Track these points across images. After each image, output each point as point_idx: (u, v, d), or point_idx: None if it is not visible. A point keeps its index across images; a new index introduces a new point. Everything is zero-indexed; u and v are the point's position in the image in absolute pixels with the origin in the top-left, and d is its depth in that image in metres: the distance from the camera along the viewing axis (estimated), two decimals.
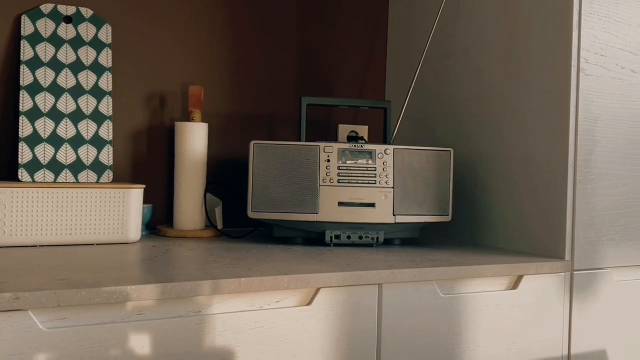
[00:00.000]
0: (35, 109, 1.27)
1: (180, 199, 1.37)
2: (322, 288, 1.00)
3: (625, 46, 1.27)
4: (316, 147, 1.27)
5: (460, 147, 1.46)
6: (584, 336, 1.24)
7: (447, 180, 1.32)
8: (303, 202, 1.26)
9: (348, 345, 1.02)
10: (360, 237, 1.27)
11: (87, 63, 1.33)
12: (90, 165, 1.30)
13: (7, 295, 0.78)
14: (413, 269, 1.06)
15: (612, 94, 1.26)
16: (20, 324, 0.80)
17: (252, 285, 0.93)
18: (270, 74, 1.59)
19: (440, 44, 1.52)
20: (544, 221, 1.26)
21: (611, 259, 1.27)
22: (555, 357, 1.21)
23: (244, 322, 0.94)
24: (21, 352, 0.80)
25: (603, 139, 1.25)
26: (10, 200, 1.14)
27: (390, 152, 1.29)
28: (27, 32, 1.29)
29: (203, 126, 1.39)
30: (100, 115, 1.32)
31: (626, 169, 1.28)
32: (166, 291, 0.87)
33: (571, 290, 1.23)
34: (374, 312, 1.04)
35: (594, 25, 1.23)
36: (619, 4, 1.26)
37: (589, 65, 1.23)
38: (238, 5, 1.55)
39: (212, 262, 1.06)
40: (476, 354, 1.13)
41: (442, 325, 1.10)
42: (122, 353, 0.86)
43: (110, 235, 1.22)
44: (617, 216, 1.27)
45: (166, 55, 1.47)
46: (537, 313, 1.19)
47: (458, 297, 1.12)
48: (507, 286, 1.18)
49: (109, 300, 0.84)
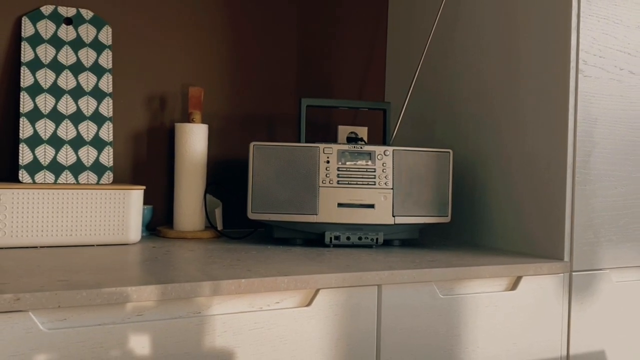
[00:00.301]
0: (36, 110, 1.28)
1: (180, 199, 1.38)
2: (322, 289, 1.00)
3: (623, 47, 1.28)
4: (315, 148, 1.28)
5: (459, 148, 1.47)
6: (583, 337, 1.25)
7: (446, 181, 1.32)
8: (302, 203, 1.26)
9: (347, 345, 1.02)
10: (359, 238, 1.28)
11: (87, 64, 1.33)
12: (90, 166, 1.30)
13: (8, 296, 0.78)
14: (412, 270, 1.06)
15: (611, 95, 1.26)
16: (21, 324, 0.80)
17: (251, 286, 0.94)
18: (270, 75, 1.59)
19: (440, 45, 1.53)
20: (542, 222, 1.27)
21: (609, 260, 1.27)
22: (554, 357, 1.22)
23: (244, 323, 0.95)
24: (22, 353, 0.80)
25: (602, 140, 1.25)
26: (11, 201, 1.15)
27: (390, 153, 1.30)
28: (27, 34, 1.30)
29: (203, 127, 1.39)
30: (101, 117, 1.33)
31: (625, 170, 1.29)
32: (166, 292, 0.88)
33: (570, 290, 1.23)
34: (373, 313, 1.05)
35: (592, 27, 1.23)
36: (618, 5, 1.27)
37: (587, 66, 1.23)
38: (238, 6, 1.55)
39: (212, 262, 1.07)
40: (475, 354, 1.14)
41: (441, 325, 1.10)
42: (122, 354, 0.86)
43: (110, 236, 1.22)
44: (615, 217, 1.27)
45: (166, 57, 1.47)
46: (535, 313, 1.20)
47: (457, 297, 1.12)
48: (506, 287, 1.18)
49: (109, 301, 0.84)
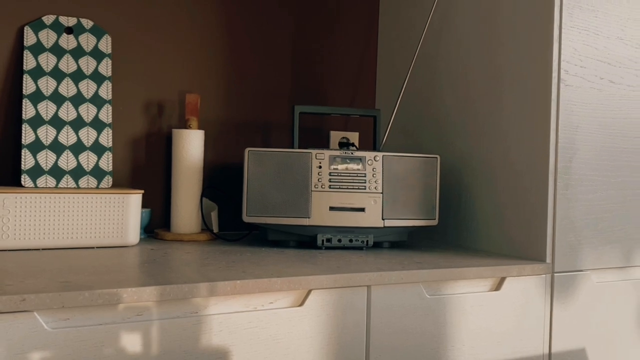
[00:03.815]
0: (38, 116, 1.29)
1: (177, 203, 1.39)
2: (314, 289, 1.01)
3: (603, 58, 1.31)
4: (308, 153, 1.29)
5: (446, 154, 1.48)
6: (564, 335, 1.27)
7: (434, 185, 1.35)
8: (295, 206, 1.28)
9: (338, 343, 1.04)
10: (350, 240, 1.29)
11: (87, 72, 1.35)
12: (90, 171, 1.31)
13: (14, 297, 0.80)
14: (400, 271, 1.08)
15: (591, 104, 1.29)
16: (26, 324, 0.81)
17: (246, 287, 0.95)
18: (264, 83, 1.60)
19: (427, 55, 1.55)
20: (525, 225, 1.29)
21: (590, 261, 1.29)
22: (536, 355, 1.23)
23: (239, 322, 0.96)
24: (27, 351, 0.82)
25: (582, 147, 1.28)
26: (14, 205, 1.15)
27: (380, 159, 1.32)
28: (29, 43, 1.31)
29: (199, 133, 1.40)
30: (100, 123, 1.34)
31: (605, 175, 1.31)
32: (164, 293, 0.89)
33: (552, 291, 1.25)
34: (363, 312, 1.06)
35: (573, 38, 1.26)
36: (598, 17, 1.30)
37: (569, 75, 1.26)
38: (234, 16, 1.56)
39: (208, 264, 1.08)
40: (461, 352, 1.15)
41: (428, 324, 1.12)
42: (123, 352, 0.88)
43: (110, 239, 1.23)
44: (595, 220, 1.30)
45: (164, 65, 1.48)
46: (519, 313, 1.21)
47: (443, 297, 1.14)
48: (490, 287, 1.20)
49: (110, 301, 0.85)
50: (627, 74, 1.35)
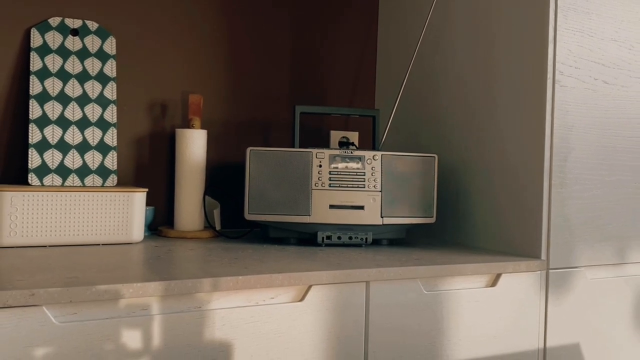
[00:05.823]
0: (44, 116, 1.30)
1: (181, 201, 1.40)
2: (314, 285, 1.03)
3: (597, 59, 1.33)
4: (308, 152, 1.31)
5: (443, 153, 1.50)
6: (559, 330, 1.28)
7: (432, 184, 1.36)
8: (296, 204, 1.30)
9: (337, 338, 1.05)
10: (350, 238, 1.31)
11: (92, 73, 1.36)
12: (95, 170, 1.33)
13: (23, 292, 0.81)
14: (398, 268, 1.09)
15: (586, 104, 1.31)
16: (35, 318, 0.83)
17: (248, 282, 0.96)
18: (266, 84, 1.61)
19: (425, 56, 1.56)
20: (521, 222, 1.30)
21: (584, 258, 1.31)
22: (531, 349, 1.25)
23: (241, 317, 0.97)
24: (36, 344, 0.83)
25: (577, 146, 1.29)
26: (21, 203, 1.17)
27: (378, 158, 1.34)
28: (36, 44, 1.33)
29: (202, 132, 1.42)
30: (105, 123, 1.36)
31: (599, 174, 1.33)
32: (169, 288, 0.90)
33: (547, 287, 1.26)
34: (362, 308, 1.07)
35: (568, 40, 1.28)
36: (592, 19, 1.31)
37: (563, 76, 1.27)
38: (235, 18, 1.57)
39: (211, 261, 1.09)
40: (457, 346, 1.17)
41: (425, 319, 1.13)
42: (128, 345, 0.89)
43: (115, 236, 1.24)
44: (590, 218, 1.31)
45: (167, 66, 1.50)
46: (514, 309, 1.23)
47: (440, 293, 1.15)
48: (487, 283, 1.22)
49: (116, 296, 0.87)
50: (620, 74, 1.36)
